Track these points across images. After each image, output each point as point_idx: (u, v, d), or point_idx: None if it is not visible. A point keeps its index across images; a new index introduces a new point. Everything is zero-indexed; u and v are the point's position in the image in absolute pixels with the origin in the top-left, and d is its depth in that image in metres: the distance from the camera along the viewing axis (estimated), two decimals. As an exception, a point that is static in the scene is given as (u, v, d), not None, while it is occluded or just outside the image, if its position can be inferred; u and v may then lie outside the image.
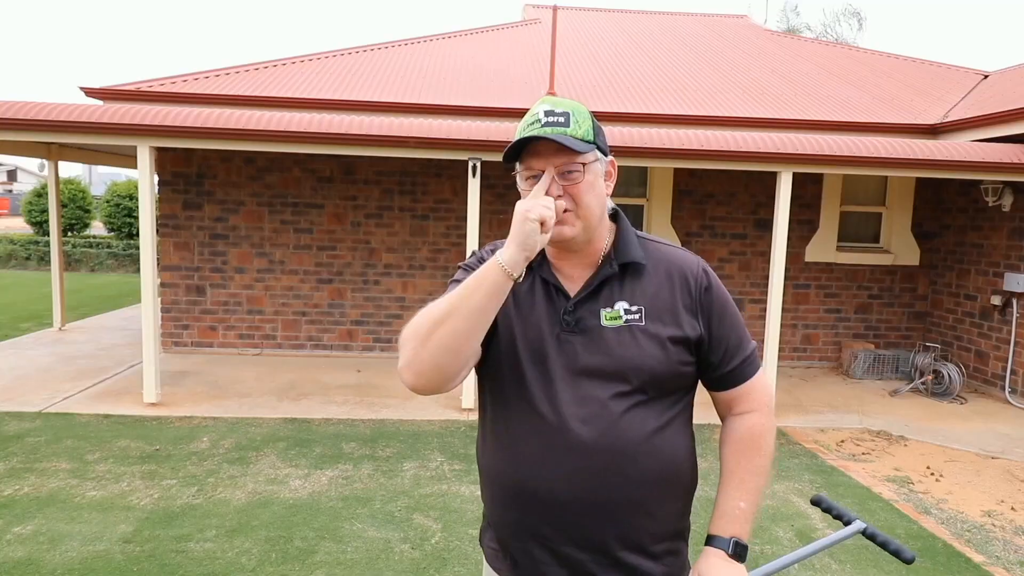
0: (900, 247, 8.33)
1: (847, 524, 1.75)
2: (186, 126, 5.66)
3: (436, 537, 3.79)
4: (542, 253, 1.45)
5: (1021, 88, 7.67)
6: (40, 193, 19.60)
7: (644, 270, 1.45)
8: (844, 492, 4.61)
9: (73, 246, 17.23)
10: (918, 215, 8.35)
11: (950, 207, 8.14)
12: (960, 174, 6.44)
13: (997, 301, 7.25)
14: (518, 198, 1.36)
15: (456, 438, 5.42)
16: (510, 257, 1.26)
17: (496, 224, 7.93)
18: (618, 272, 1.43)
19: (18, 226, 25.54)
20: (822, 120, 7.83)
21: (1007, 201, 7.10)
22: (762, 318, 6.90)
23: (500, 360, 1.43)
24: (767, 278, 6.76)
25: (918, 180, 8.23)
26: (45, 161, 9.33)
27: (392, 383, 6.88)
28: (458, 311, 1.28)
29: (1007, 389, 7.05)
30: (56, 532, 3.70)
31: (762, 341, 6.30)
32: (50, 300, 9.95)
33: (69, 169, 60.43)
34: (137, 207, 13.45)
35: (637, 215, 8.27)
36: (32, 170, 47.09)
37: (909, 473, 5.01)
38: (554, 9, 7.81)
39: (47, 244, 16.57)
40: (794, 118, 7.78)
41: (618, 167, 1.51)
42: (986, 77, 9.51)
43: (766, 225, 8.07)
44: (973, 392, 7.32)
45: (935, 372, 7.19)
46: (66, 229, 18.89)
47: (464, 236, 7.03)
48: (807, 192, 8.16)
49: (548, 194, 1.33)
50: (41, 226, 19.24)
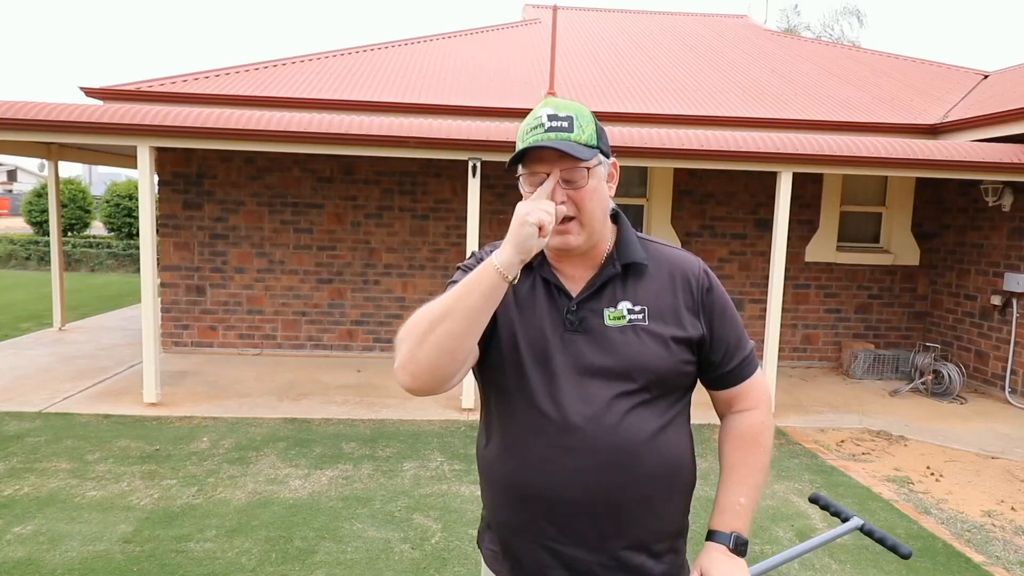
0: (900, 247, 8.33)
1: (845, 521, 1.77)
2: (186, 126, 5.66)
3: (436, 537, 3.79)
4: (542, 253, 1.46)
5: (1021, 88, 7.67)
6: (40, 193, 19.60)
7: (646, 271, 1.46)
8: (844, 492, 4.61)
9: (73, 246, 17.23)
10: (918, 215, 8.35)
11: (950, 207, 8.14)
12: (960, 174, 6.44)
13: (997, 301, 7.25)
14: (518, 198, 1.36)
15: (456, 438, 5.42)
16: (506, 259, 1.25)
17: (496, 224, 7.93)
18: (621, 272, 1.44)
19: (18, 226, 25.54)
20: (822, 120, 7.83)
21: (1007, 201, 7.10)
22: (762, 318, 6.91)
23: (502, 360, 1.43)
24: (767, 278, 6.76)
25: (918, 180, 8.23)
26: (45, 161, 9.33)
27: (392, 383, 6.88)
28: (454, 313, 1.27)
29: (1007, 389, 7.05)
30: (56, 532, 3.70)
31: (762, 341, 6.30)
32: (50, 300, 9.95)
33: (69, 169, 60.45)
34: (137, 207, 13.45)
35: (637, 215, 8.27)
36: (32, 170, 47.10)
37: (909, 473, 5.01)
38: (554, 9, 7.81)
39: (47, 244, 16.57)
40: (794, 118, 7.78)
41: (618, 167, 1.51)
42: (986, 77, 9.51)
43: (766, 225, 8.08)
44: (973, 392, 7.32)
45: (935, 372, 7.19)
46: (66, 229, 18.89)
47: (464, 236, 7.03)
48: (807, 192, 8.17)
49: (551, 199, 1.32)
50: (41, 226, 19.24)
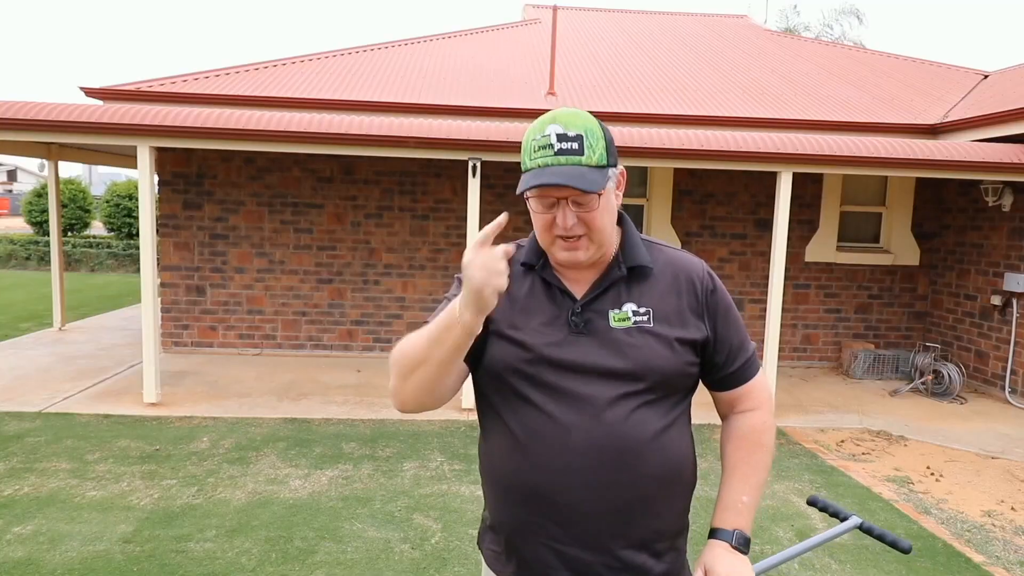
0: (900, 247, 8.33)
1: (843, 521, 1.78)
2: (186, 126, 5.66)
3: (436, 537, 3.79)
4: (543, 254, 1.46)
5: (1021, 88, 7.66)
6: (40, 193, 19.60)
7: (651, 273, 1.46)
8: (844, 492, 4.61)
9: (73, 246, 17.23)
10: (918, 215, 8.35)
11: (950, 207, 8.14)
12: (960, 174, 6.44)
13: (997, 301, 7.25)
14: (518, 198, 1.36)
15: (456, 438, 5.42)
16: (470, 321, 1.25)
17: (496, 224, 7.92)
18: (625, 275, 1.44)
19: (18, 226, 25.55)
20: (822, 120, 7.83)
21: (1007, 201, 7.10)
22: (762, 318, 6.91)
23: (504, 362, 1.43)
24: (767, 278, 6.76)
25: (918, 180, 8.23)
26: (45, 161, 9.33)
27: (392, 383, 6.87)
28: (428, 361, 1.33)
29: (1007, 389, 7.05)
30: (56, 532, 3.70)
31: (762, 341, 6.30)
32: (50, 300, 9.96)
33: (69, 169, 60.53)
34: (137, 207, 13.46)
35: (637, 215, 8.26)
36: (32, 170, 47.11)
37: (909, 473, 5.01)
38: (554, 9, 7.82)
39: (47, 244, 16.57)
40: (794, 118, 7.78)
41: (626, 175, 1.50)
42: (986, 77, 9.51)
43: (766, 225, 8.08)
44: (973, 392, 7.32)
45: (935, 372, 7.19)
46: (66, 229, 18.89)
47: (464, 236, 7.03)
48: (807, 192, 8.17)
49: (560, 222, 1.33)
50: (41, 226, 19.24)
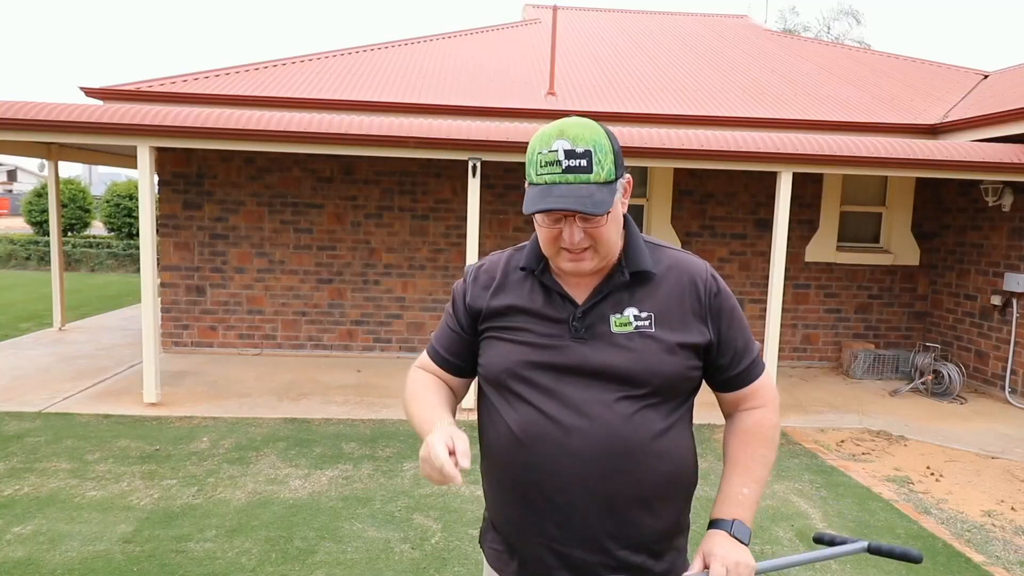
0: (900, 247, 8.33)
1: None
2: (186, 126, 5.66)
3: (436, 537, 3.79)
4: (543, 259, 1.45)
5: (1021, 88, 7.66)
6: (40, 193, 19.60)
7: (653, 277, 1.45)
8: (844, 492, 4.62)
9: (73, 246, 17.22)
10: (918, 215, 8.35)
11: (950, 207, 8.14)
12: (960, 174, 6.44)
13: (997, 301, 7.25)
14: (519, 198, 1.36)
15: (456, 438, 5.41)
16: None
17: (496, 224, 7.92)
18: (628, 280, 1.43)
19: (18, 226, 25.54)
20: (822, 120, 7.83)
21: (1007, 201, 7.10)
22: (762, 318, 6.91)
23: (504, 365, 1.43)
24: (767, 278, 6.76)
25: (918, 180, 8.23)
26: (45, 161, 9.33)
27: (392, 383, 6.88)
28: (414, 424, 1.49)
29: (1007, 389, 7.05)
30: (56, 532, 3.70)
31: (762, 341, 6.30)
32: (50, 300, 9.96)
33: (69, 169, 60.52)
34: (137, 207, 13.45)
35: (637, 215, 8.26)
36: (32, 170, 47.11)
37: (909, 473, 5.01)
38: (554, 9, 7.82)
39: (47, 244, 16.57)
40: (794, 118, 7.78)
41: (631, 182, 1.50)
42: (986, 77, 9.51)
43: (766, 225, 8.08)
44: (973, 392, 7.32)
45: (935, 372, 7.19)
46: (66, 229, 18.89)
47: (464, 236, 7.03)
48: (807, 192, 8.17)
49: (567, 238, 1.35)
50: (41, 226, 19.24)
